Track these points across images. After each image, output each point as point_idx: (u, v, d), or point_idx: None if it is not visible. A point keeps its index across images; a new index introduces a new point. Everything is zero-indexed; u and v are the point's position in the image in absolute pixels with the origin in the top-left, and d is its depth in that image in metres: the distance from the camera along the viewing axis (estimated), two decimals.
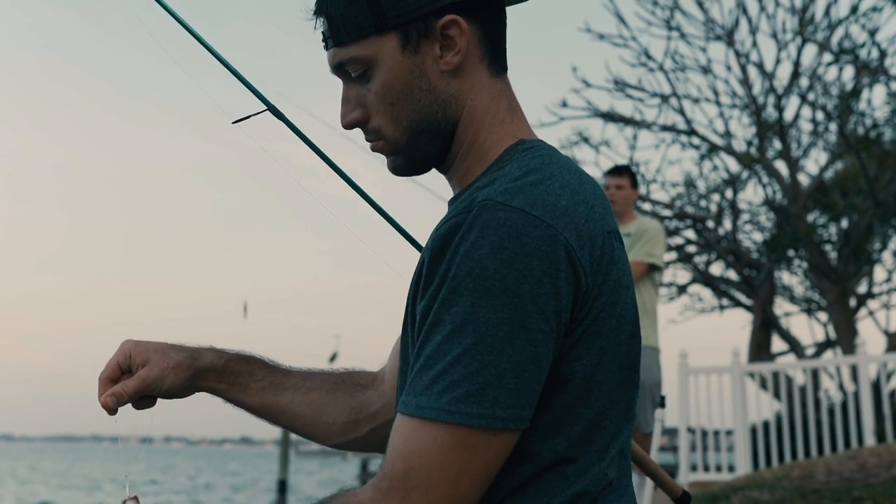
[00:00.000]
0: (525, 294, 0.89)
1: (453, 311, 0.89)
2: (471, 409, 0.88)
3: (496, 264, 0.89)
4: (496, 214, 0.90)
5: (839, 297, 10.18)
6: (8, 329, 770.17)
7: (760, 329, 10.82)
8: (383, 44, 1.02)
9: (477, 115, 1.06)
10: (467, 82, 1.05)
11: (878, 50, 8.95)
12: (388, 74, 1.03)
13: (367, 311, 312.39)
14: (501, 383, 0.88)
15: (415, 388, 0.91)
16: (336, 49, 1.05)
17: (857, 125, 9.98)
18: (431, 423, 0.89)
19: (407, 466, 0.89)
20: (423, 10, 1.01)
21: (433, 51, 1.03)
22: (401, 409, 0.92)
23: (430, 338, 0.91)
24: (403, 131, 1.06)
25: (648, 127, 10.50)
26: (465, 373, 0.88)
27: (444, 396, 0.88)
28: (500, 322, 0.88)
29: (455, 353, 0.89)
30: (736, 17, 10.13)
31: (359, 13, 1.02)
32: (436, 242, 0.94)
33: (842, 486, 4.49)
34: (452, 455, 0.89)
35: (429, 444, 0.89)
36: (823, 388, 8.92)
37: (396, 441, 0.91)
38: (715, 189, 11.26)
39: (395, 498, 0.89)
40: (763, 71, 10.17)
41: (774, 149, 10.73)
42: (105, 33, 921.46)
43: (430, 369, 0.90)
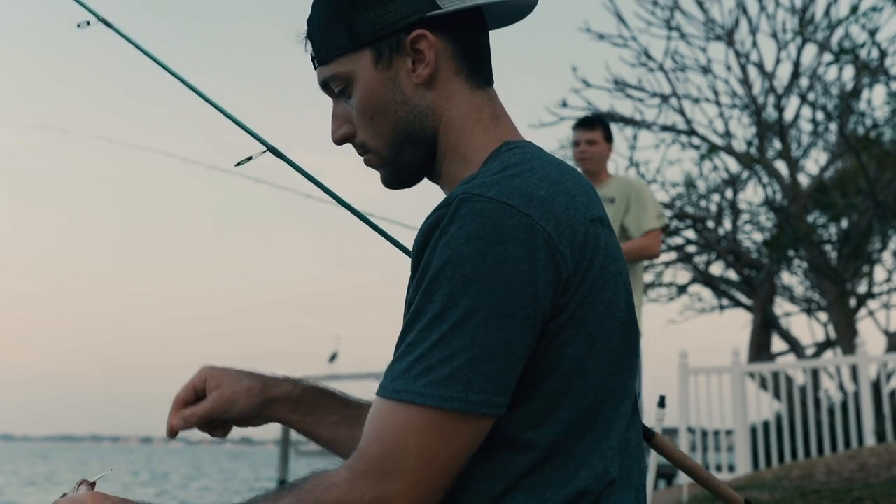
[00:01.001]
0: (500, 281, 0.91)
1: (433, 300, 0.92)
2: (443, 392, 0.90)
3: (472, 253, 0.91)
4: (473, 206, 0.93)
5: (839, 297, 10.18)
6: (8, 329, 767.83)
7: (760, 329, 10.82)
8: (359, 60, 1.09)
9: (455, 123, 1.11)
10: (443, 94, 1.10)
11: (878, 50, 8.95)
12: (365, 89, 1.09)
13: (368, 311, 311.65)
14: (474, 368, 0.90)
15: (392, 371, 0.94)
16: (320, 68, 1.13)
17: (857, 125, 9.98)
18: (406, 406, 0.91)
19: (383, 449, 0.91)
20: (394, 28, 1.07)
21: (406, 65, 1.09)
22: (379, 391, 0.94)
23: (412, 326, 0.94)
24: (385, 143, 1.11)
25: (648, 127, 10.50)
26: (440, 357, 0.90)
27: (419, 380, 0.91)
28: (476, 308, 0.91)
29: (433, 339, 0.91)
30: (736, 17, 10.14)
31: (337, 34, 1.09)
32: (419, 238, 0.98)
33: (842, 486, 4.49)
34: (426, 439, 0.90)
35: (403, 426, 0.91)
36: (823, 388, 8.92)
37: (372, 423, 0.93)
38: (715, 189, 11.27)
39: (370, 480, 0.90)
40: (763, 71, 10.17)
41: (774, 149, 10.73)
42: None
43: (409, 355, 0.93)
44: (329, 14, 1.10)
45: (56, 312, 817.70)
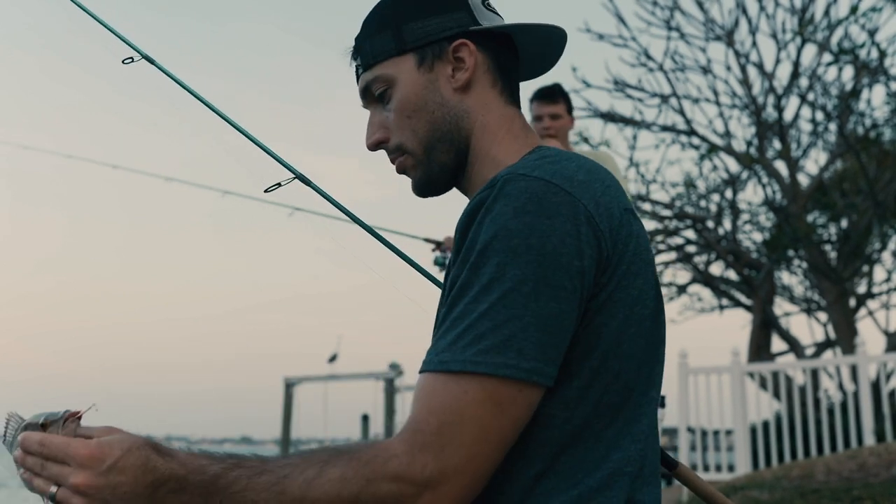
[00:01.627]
0: (549, 252, 0.93)
1: (480, 273, 0.94)
2: (496, 359, 0.90)
3: (519, 226, 0.94)
4: (518, 184, 0.97)
5: (839, 297, 10.17)
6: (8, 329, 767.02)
7: (760, 329, 10.82)
8: (402, 64, 1.16)
9: (489, 129, 1.16)
10: (478, 101, 1.17)
11: (877, 50, 8.95)
12: (406, 89, 1.16)
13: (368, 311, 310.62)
14: (526, 336, 0.91)
15: (437, 346, 0.94)
16: (364, 73, 1.20)
17: (856, 125, 9.98)
18: (460, 376, 0.90)
19: (440, 421, 0.90)
20: (438, 36, 1.16)
21: (446, 71, 1.16)
22: (425, 366, 0.94)
23: (458, 301, 0.95)
24: (420, 142, 1.16)
25: (648, 127, 10.50)
26: (490, 326, 0.91)
27: (469, 349, 0.91)
28: (525, 278, 0.92)
29: (481, 309, 0.92)
30: (736, 18, 10.13)
31: (383, 40, 1.17)
32: (463, 219, 1.01)
33: (841, 486, 4.49)
34: (482, 409, 0.90)
35: (459, 397, 0.90)
36: (823, 388, 8.92)
37: (424, 397, 0.92)
38: (715, 189, 11.26)
39: (430, 453, 0.89)
40: (763, 71, 10.16)
41: (774, 149, 10.72)
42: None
43: (454, 328, 0.93)
44: (378, 24, 1.18)
45: (56, 312, 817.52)
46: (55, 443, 0.91)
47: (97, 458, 0.88)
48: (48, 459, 0.90)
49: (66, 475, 0.88)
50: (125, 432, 0.92)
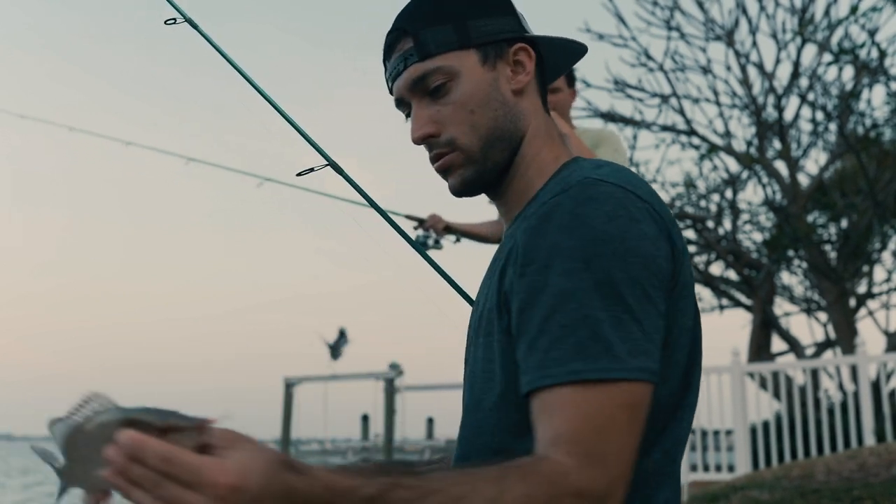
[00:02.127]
0: (648, 256, 0.95)
1: (585, 277, 0.93)
2: (631, 364, 0.91)
3: (616, 230, 0.95)
4: (599, 189, 0.98)
5: (839, 297, 10.17)
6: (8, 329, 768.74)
7: (760, 329, 10.82)
8: (465, 58, 1.14)
9: (538, 134, 1.18)
10: (530, 105, 1.18)
11: (877, 50, 8.95)
12: (470, 84, 1.14)
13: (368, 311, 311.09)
14: (647, 338, 0.93)
15: (558, 355, 0.92)
16: (418, 63, 1.15)
17: (856, 125, 9.98)
18: (601, 385, 0.90)
19: (596, 431, 0.89)
20: (500, 37, 1.16)
21: (506, 71, 1.16)
22: (554, 379, 0.91)
23: (562, 307, 0.93)
24: (479, 138, 1.14)
25: (648, 127, 10.50)
26: (615, 331, 0.91)
27: (602, 357, 0.90)
28: (634, 281, 0.93)
29: (600, 316, 0.91)
30: (736, 18, 10.14)
31: (445, 32, 1.14)
32: (536, 222, 1.00)
33: (841, 486, 4.49)
34: (627, 414, 0.91)
35: (606, 404, 0.90)
36: (823, 388, 8.92)
37: (570, 408, 0.90)
38: (715, 189, 11.26)
39: (598, 465, 0.88)
40: (763, 71, 10.16)
41: (774, 149, 10.72)
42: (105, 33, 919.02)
43: (571, 335, 0.91)
44: (435, 14, 1.15)
45: (56, 312, 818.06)
46: (186, 462, 0.74)
47: (238, 488, 0.74)
48: (171, 479, 0.73)
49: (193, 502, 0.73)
50: (253, 443, 0.78)
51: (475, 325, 1.15)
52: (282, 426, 15.41)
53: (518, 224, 1.09)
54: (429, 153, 1.18)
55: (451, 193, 1.20)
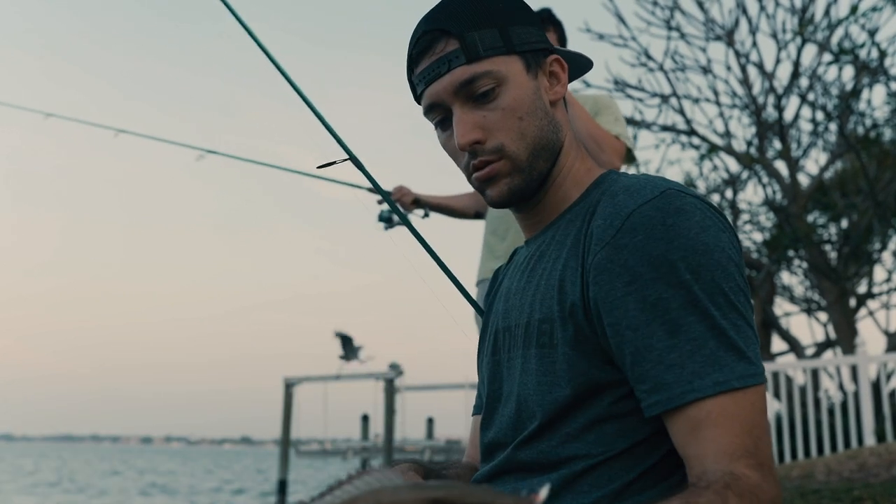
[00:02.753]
0: (738, 263, 1.00)
1: (697, 289, 0.95)
2: (758, 369, 0.95)
3: (712, 240, 0.98)
4: (685, 200, 1.00)
5: (839, 297, 10.17)
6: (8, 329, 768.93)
7: (760, 329, 10.82)
8: (511, 64, 1.12)
9: (573, 144, 1.18)
10: (563, 117, 1.17)
11: (877, 50, 8.94)
12: (518, 91, 1.11)
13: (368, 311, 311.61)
14: (755, 342, 0.97)
15: (699, 368, 0.94)
16: (466, 66, 1.10)
17: (857, 125, 9.98)
18: (743, 392, 0.93)
19: (756, 439, 0.92)
20: (540, 46, 1.15)
21: (544, 81, 1.15)
22: (703, 392, 0.93)
23: (683, 320, 0.95)
24: (527, 146, 1.11)
25: (648, 127, 10.50)
26: (742, 339, 0.95)
27: (738, 365, 0.93)
28: (738, 288, 0.98)
29: (723, 325, 0.95)
30: (736, 17, 10.13)
31: (492, 35, 1.11)
32: (619, 234, 1.00)
33: (842, 486, 4.49)
34: (762, 415, 0.94)
35: (751, 410, 0.93)
36: (823, 388, 8.91)
37: (726, 420, 0.92)
38: (715, 189, 11.27)
39: (770, 474, 0.92)
40: (763, 71, 10.16)
41: (774, 149, 10.72)
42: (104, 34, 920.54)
43: (706, 346, 0.94)
44: (481, 17, 1.11)
45: (56, 313, 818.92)
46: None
47: None
48: None
49: None
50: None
51: (519, 336, 1.12)
52: (282, 426, 15.41)
53: (565, 231, 1.10)
54: (470, 160, 1.12)
55: (492, 204, 1.15)
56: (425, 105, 1.14)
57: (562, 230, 1.11)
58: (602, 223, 1.02)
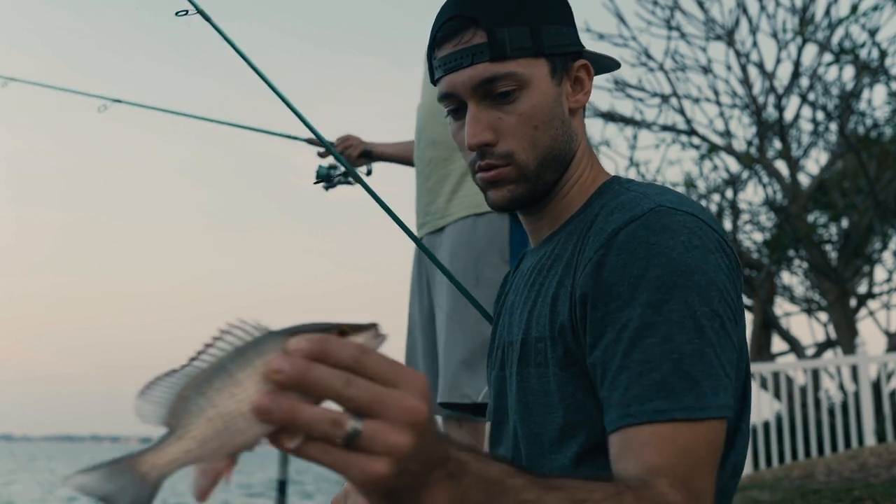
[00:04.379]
0: (724, 288, 0.93)
1: (666, 311, 0.90)
2: (716, 402, 0.89)
3: (695, 261, 0.92)
4: (674, 217, 0.95)
5: (839, 297, 10.17)
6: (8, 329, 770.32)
7: (761, 329, 10.82)
8: (536, 67, 1.06)
9: (585, 154, 1.13)
10: (580, 125, 1.13)
11: (878, 50, 8.94)
12: (539, 98, 1.06)
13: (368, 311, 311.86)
14: (726, 373, 0.91)
15: (650, 393, 0.89)
16: (489, 64, 1.05)
17: (857, 125, 9.97)
18: (687, 424, 0.87)
19: (691, 465, 0.87)
20: (569, 49, 1.09)
21: (566, 88, 1.09)
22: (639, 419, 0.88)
23: (643, 342, 0.90)
24: (537, 156, 1.07)
25: (648, 127, 10.50)
26: (701, 368, 0.89)
27: (688, 394, 0.88)
28: (714, 314, 0.91)
29: (683, 350, 0.89)
30: (736, 17, 10.12)
31: (520, 34, 1.05)
32: (606, 252, 0.95)
33: (842, 486, 4.48)
34: (709, 451, 0.89)
35: (694, 442, 0.88)
36: (824, 388, 8.91)
37: (660, 443, 0.88)
38: (715, 189, 11.26)
39: (696, 501, 0.87)
40: (763, 71, 10.16)
41: (775, 149, 10.72)
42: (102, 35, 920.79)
43: (656, 371, 0.89)
44: (514, 12, 1.06)
45: (56, 312, 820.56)
46: (381, 357, 0.60)
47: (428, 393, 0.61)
48: (361, 376, 0.58)
49: (395, 398, 0.58)
50: None
51: (513, 356, 1.09)
52: None
53: (563, 245, 1.06)
54: (477, 160, 1.08)
55: (492, 207, 1.12)
56: (441, 92, 1.10)
57: (561, 243, 1.07)
58: (592, 240, 0.99)
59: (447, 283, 2.24)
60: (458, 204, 2.36)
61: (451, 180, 2.40)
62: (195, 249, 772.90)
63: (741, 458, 1.04)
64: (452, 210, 2.37)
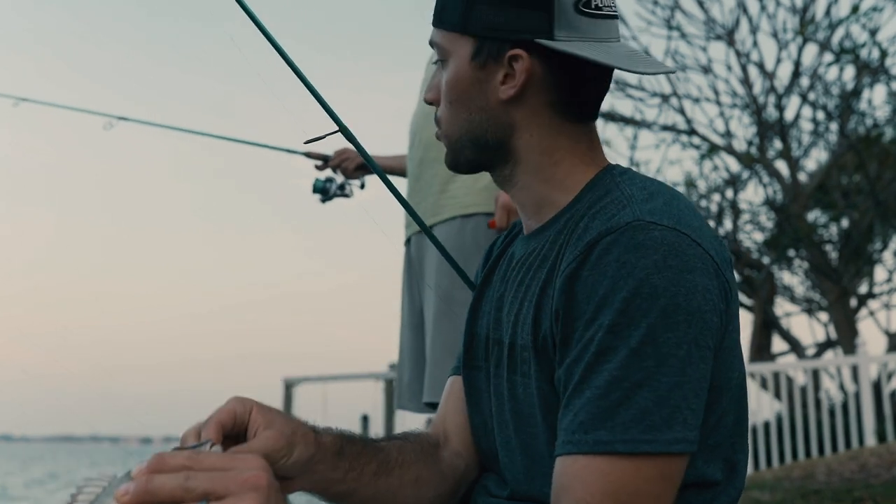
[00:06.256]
0: (695, 311, 0.87)
1: (626, 336, 0.86)
2: (667, 436, 0.85)
3: (665, 283, 0.86)
4: (651, 234, 0.89)
5: (839, 297, 10.16)
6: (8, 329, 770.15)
7: (761, 329, 10.81)
8: (460, 44, 1.05)
9: (543, 148, 1.05)
10: (529, 119, 1.05)
11: (878, 50, 8.93)
12: (453, 75, 1.06)
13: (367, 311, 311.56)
14: (687, 404, 0.86)
15: (595, 422, 0.86)
16: (433, 28, 1.09)
17: (857, 125, 9.97)
18: (630, 459, 0.84)
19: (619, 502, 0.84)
20: (501, 35, 1.02)
21: (498, 75, 1.03)
22: (579, 448, 0.86)
23: (599, 367, 0.87)
24: (453, 132, 1.08)
25: (648, 127, 10.49)
26: (654, 398, 0.85)
27: (635, 427, 0.84)
28: (679, 342, 0.86)
29: (637, 378, 0.85)
30: (736, 17, 10.11)
31: (455, 8, 1.04)
32: (579, 267, 0.91)
33: (842, 487, 4.48)
34: (657, 486, 0.85)
35: (634, 477, 0.84)
36: (824, 389, 8.90)
37: (593, 479, 0.84)
38: (715, 189, 11.25)
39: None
40: (763, 70, 10.15)
41: (775, 149, 10.71)
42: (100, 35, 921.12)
43: (606, 398, 0.85)
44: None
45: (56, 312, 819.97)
46: (214, 454, 0.73)
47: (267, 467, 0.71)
48: (202, 470, 0.69)
49: (233, 475, 0.68)
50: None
51: (502, 358, 1.06)
52: None
53: (550, 246, 1.01)
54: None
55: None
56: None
57: (549, 242, 1.02)
58: (571, 248, 0.95)
59: (435, 283, 2.27)
60: (445, 204, 2.37)
61: (439, 180, 2.41)
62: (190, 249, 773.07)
63: (737, 493, 1.00)
64: (440, 210, 2.39)
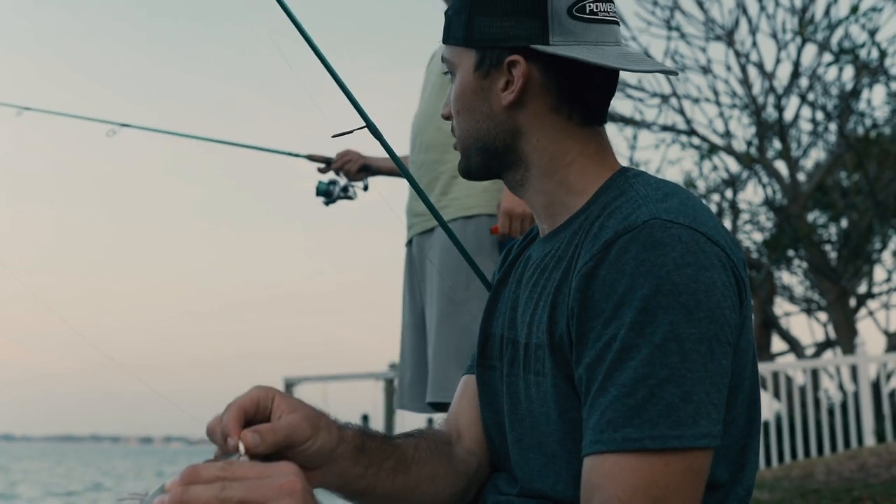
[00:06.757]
0: (715, 307, 0.89)
1: (648, 333, 0.87)
2: (694, 430, 0.86)
3: (684, 279, 0.88)
4: (668, 231, 0.90)
5: (839, 297, 10.16)
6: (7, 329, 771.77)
7: (760, 329, 10.81)
8: (465, 56, 1.10)
9: (552, 152, 1.07)
10: (534, 123, 1.08)
11: (877, 50, 8.93)
12: (460, 87, 1.11)
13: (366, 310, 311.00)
14: (710, 399, 0.87)
15: (622, 419, 0.87)
16: (443, 44, 1.15)
17: (857, 125, 9.97)
18: (659, 455, 0.85)
19: (653, 499, 0.85)
20: (499, 44, 1.06)
21: (499, 82, 1.07)
22: (607, 446, 0.87)
23: (623, 365, 0.88)
24: (465, 139, 1.13)
25: (648, 127, 10.49)
26: (680, 394, 0.86)
27: (662, 423, 0.85)
28: (701, 337, 0.87)
29: (662, 375, 0.86)
30: (736, 17, 10.12)
31: (458, 23, 1.10)
32: (597, 266, 0.92)
33: (842, 486, 4.48)
34: (686, 480, 0.86)
35: (664, 472, 0.85)
36: (823, 388, 8.91)
37: (624, 476, 0.85)
38: (715, 189, 11.26)
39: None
40: (763, 71, 10.15)
41: (774, 149, 10.71)
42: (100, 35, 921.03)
43: (632, 396, 0.86)
44: (461, 3, 1.10)
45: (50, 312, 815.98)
46: (248, 462, 0.77)
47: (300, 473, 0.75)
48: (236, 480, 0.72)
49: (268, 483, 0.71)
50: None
51: (517, 357, 1.07)
52: None
53: (565, 247, 1.02)
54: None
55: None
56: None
57: (564, 244, 1.03)
58: (587, 247, 0.96)
59: (437, 284, 2.27)
60: (447, 206, 2.37)
61: (441, 182, 2.42)
62: (189, 248, 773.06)
63: (752, 482, 1.01)
64: (442, 212, 2.38)
